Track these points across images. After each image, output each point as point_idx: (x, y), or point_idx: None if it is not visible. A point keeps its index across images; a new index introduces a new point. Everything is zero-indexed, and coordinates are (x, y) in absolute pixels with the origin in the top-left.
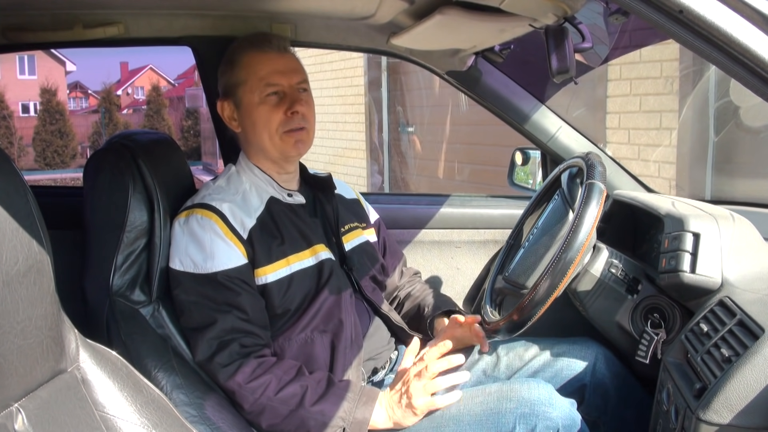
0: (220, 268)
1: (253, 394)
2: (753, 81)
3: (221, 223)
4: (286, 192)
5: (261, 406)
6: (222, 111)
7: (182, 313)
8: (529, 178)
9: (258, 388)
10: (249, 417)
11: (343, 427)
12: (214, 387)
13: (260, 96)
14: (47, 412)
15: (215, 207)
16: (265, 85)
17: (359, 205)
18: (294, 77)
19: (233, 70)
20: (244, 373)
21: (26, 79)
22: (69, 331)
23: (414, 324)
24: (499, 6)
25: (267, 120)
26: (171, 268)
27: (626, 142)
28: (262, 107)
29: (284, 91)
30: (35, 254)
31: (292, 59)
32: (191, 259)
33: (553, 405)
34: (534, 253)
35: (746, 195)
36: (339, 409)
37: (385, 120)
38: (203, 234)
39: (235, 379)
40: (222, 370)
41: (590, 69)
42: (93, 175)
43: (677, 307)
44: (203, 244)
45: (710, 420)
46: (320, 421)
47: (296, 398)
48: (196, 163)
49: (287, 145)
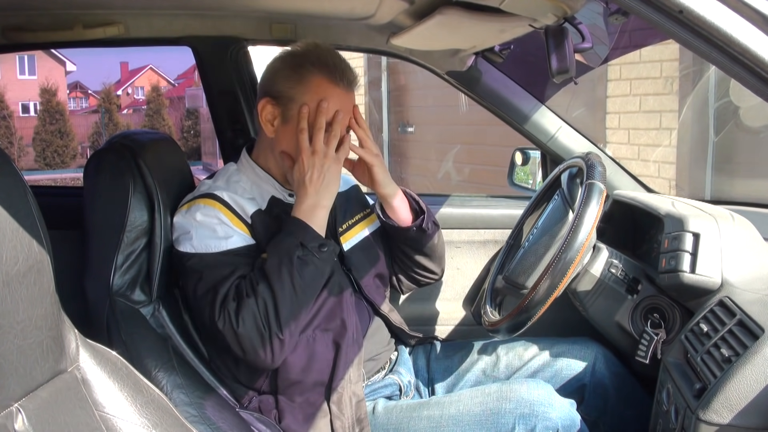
0: (232, 246)
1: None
2: (753, 81)
3: (225, 210)
4: (287, 192)
5: (264, 307)
6: (261, 109)
7: (195, 287)
8: (529, 178)
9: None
10: (269, 332)
11: (297, 242)
12: (215, 387)
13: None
14: (47, 412)
15: (217, 195)
16: (324, 113)
17: (358, 191)
18: (347, 119)
19: (296, 84)
20: (241, 296)
21: (26, 79)
22: (69, 331)
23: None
24: (499, 6)
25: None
26: (181, 251)
27: (626, 142)
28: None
29: (331, 125)
30: (35, 254)
31: (353, 97)
32: (203, 242)
33: (552, 405)
34: (534, 253)
35: (746, 195)
36: (280, 241)
37: (385, 120)
38: (209, 220)
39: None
40: (231, 304)
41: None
42: (93, 175)
43: (677, 307)
44: (213, 228)
45: (710, 420)
46: (282, 261)
47: (261, 273)
48: (196, 163)
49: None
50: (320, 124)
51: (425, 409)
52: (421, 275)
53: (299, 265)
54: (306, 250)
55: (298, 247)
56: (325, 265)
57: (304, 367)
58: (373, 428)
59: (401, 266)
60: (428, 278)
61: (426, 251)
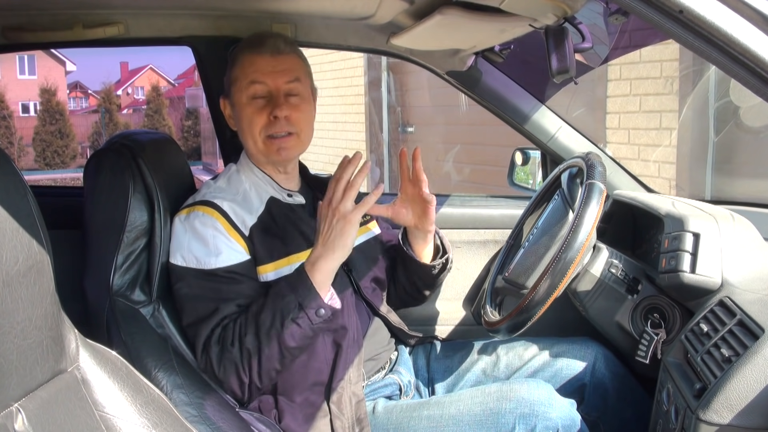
0: (223, 264)
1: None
2: (753, 81)
3: (223, 220)
4: (286, 192)
5: (247, 359)
6: (223, 109)
7: (183, 309)
8: (529, 178)
9: (237, 347)
10: (248, 381)
11: (297, 301)
12: (215, 387)
13: (247, 97)
14: (47, 412)
15: (216, 204)
16: (249, 83)
17: (359, 198)
18: (281, 78)
19: (231, 68)
20: (226, 342)
21: (26, 79)
22: (69, 331)
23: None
24: (499, 6)
25: (250, 122)
26: (172, 263)
27: (626, 142)
28: (247, 109)
29: (271, 93)
30: (35, 254)
31: (285, 60)
32: (193, 255)
33: (552, 405)
34: (534, 253)
35: (746, 195)
36: (280, 294)
37: (385, 120)
38: (205, 230)
39: (223, 353)
40: (215, 348)
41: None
42: (93, 175)
43: (677, 307)
44: (206, 241)
45: (710, 420)
46: (276, 316)
47: (253, 324)
48: (196, 163)
49: (270, 151)
50: (339, 175)
51: (425, 408)
52: (412, 298)
53: (292, 327)
54: (302, 313)
55: (295, 309)
56: (318, 330)
57: (304, 367)
58: (373, 428)
59: (397, 288)
60: (417, 302)
61: (431, 284)
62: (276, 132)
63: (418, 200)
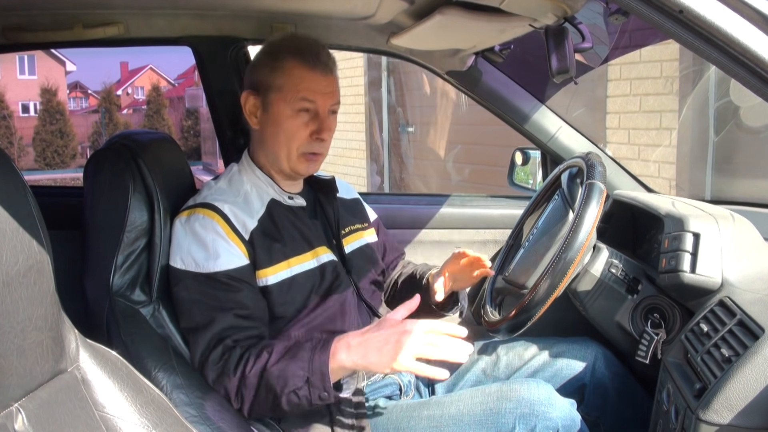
0: (221, 268)
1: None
2: (753, 81)
3: (223, 223)
4: (286, 195)
5: (241, 392)
6: (245, 102)
7: (182, 312)
8: (529, 178)
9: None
10: (238, 407)
11: (306, 376)
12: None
13: (293, 110)
14: (47, 412)
15: (217, 207)
16: (301, 99)
17: (360, 205)
18: (329, 100)
19: (273, 72)
20: (228, 366)
21: (26, 79)
22: (69, 331)
23: (409, 289)
24: (499, 6)
25: (291, 136)
26: (171, 266)
27: (626, 142)
28: (291, 122)
29: (317, 111)
30: (35, 254)
31: (334, 81)
32: (193, 258)
33: (552, 405)
34: (534, 253)
35: (746, 195)
36: (297, 359)
37: (385, 120)
38: (205, 233)
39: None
40: (213, 367)
41: (590, 69)
42: (93, 175)
43: (677, 307)
44: (205, 244)
45: (710, 420)
46: (282, 377)
47: (261, 365)
48: (196, 163)
49: (300, 165)
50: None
51: (425, 408)
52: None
53: (291, 396)
54: (305, 390)
55: (304, 386)
56: (313, 407)
57: None
58: (373, 428)
59: (396, 296)
60: None
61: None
62: (314, 151)
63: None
